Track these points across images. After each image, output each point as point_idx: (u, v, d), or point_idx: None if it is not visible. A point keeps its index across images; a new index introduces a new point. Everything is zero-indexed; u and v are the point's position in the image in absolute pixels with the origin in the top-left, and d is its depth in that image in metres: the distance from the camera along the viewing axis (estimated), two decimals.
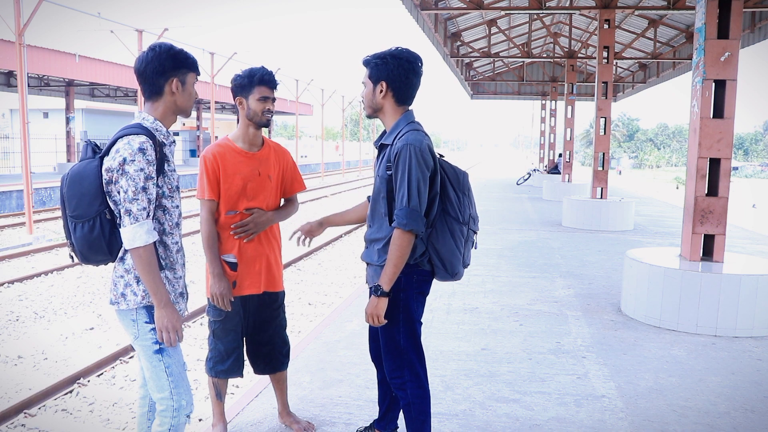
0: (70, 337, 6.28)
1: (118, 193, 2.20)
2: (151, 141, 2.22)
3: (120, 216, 2.22)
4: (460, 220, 2.56)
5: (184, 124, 42.24)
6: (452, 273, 2.60)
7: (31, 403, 4.57)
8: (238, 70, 2.96)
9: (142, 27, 16.56)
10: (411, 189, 2.41)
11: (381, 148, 2.62)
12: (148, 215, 2.19)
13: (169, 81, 2.30)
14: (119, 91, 29.82)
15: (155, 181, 2.23)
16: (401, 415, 2.95)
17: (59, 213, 16.90)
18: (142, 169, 2.17)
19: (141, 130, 2.24)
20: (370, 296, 2.56)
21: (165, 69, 2.29)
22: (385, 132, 2.65)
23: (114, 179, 2.19)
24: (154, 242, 2.24)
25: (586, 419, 3.40)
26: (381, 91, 2.57)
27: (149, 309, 2.28)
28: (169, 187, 2.32)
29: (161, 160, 2.26)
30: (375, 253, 2.62)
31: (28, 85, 22.47)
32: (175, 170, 2.39)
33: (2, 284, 8.30)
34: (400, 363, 2.63)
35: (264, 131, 3.08)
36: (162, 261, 2.31)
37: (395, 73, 2.54)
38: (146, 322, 2.29)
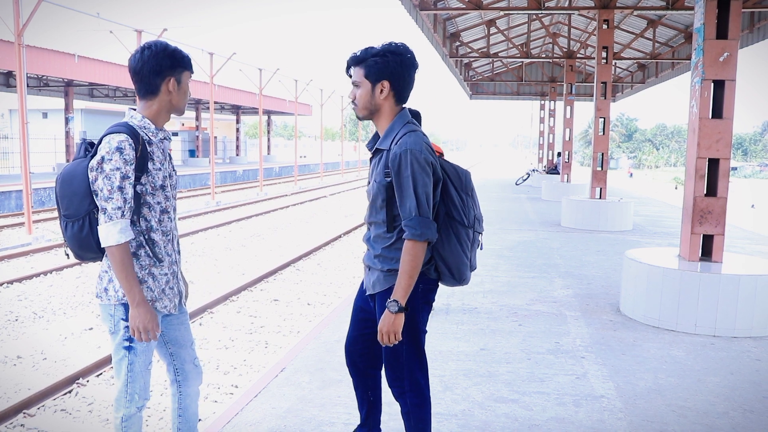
0: (70, 337, 6.28)
1: (99, 191, 2.23)
2: (131, 140, 2.23)
3: None
4: (465, 224, 2.42)
5: (183, 124, 42.17)
6: (460, 279, 2.48)
7: (31, 403, 4.57)
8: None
9: (141, 27, 16.53)
10: (419, 197, 2.28)
11: (376, 152, 2.44)
12: (123, 215, 2.21)
13: (166, 80, 2.30)
14: (118, 91, 29.82)
15: (132, 181, 2.23)
16: (382, 418, 2.91)
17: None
18: (118, 168, 2.19)
19: (124, 128, 2.25)
20: (384, 308, 2.38)
21: (162, 68, 2.28)
22: (377, 135, 2.48)
23: (94, 178, 2.23)
24: (144, 241, 2.30)
25: (585, 419, 3.41)
26: (382, 91, 2.37)
27: (127, 306, 2.33)
28: (152, 185, 2.32)
29: (144, 159, 2.27)
30: (375, 259, 2.48)
31: (27, 86, 22.43)
32: (161, 168, 2.35)
33: (1, 284, 8.29)
34: (401, 373, 2.53)
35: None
36: (154, 257, 2.34)
37: (398, 71, 2.35)
38: (122, 319, 2.34)
